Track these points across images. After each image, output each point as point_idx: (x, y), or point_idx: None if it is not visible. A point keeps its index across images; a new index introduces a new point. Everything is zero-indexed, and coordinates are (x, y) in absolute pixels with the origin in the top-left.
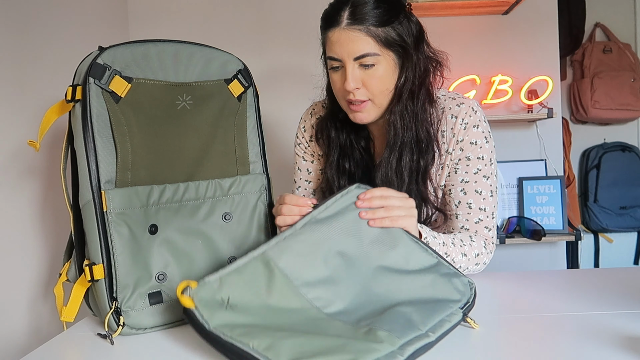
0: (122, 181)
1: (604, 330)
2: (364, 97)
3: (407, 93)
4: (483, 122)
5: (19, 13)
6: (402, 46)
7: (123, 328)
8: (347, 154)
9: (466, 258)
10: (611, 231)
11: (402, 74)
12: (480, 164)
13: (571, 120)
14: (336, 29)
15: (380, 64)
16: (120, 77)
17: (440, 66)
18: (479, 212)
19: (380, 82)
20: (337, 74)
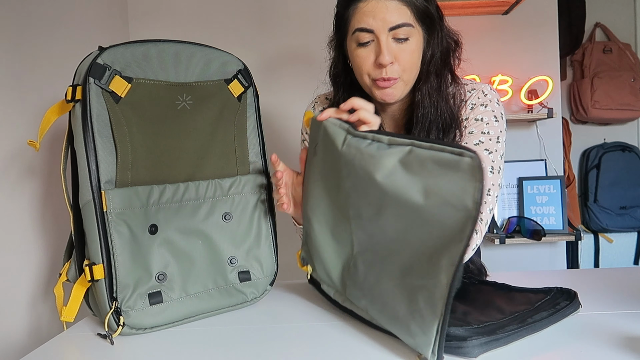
0: (122, 181)
1: (604, 330)
2: (396, 74)
3: (434, 70)
4: (495, 104)
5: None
6: (432, 20)
7: (123, 328)
8: None
9: None
10: (611, 231)
11: (428, 50)
12: (484, 138)
13: (571, 120)
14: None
15: (413, 37)
16: (120, 77)
17: (458, 46)
18: None
19: (411, 57)
20: (365, 49)
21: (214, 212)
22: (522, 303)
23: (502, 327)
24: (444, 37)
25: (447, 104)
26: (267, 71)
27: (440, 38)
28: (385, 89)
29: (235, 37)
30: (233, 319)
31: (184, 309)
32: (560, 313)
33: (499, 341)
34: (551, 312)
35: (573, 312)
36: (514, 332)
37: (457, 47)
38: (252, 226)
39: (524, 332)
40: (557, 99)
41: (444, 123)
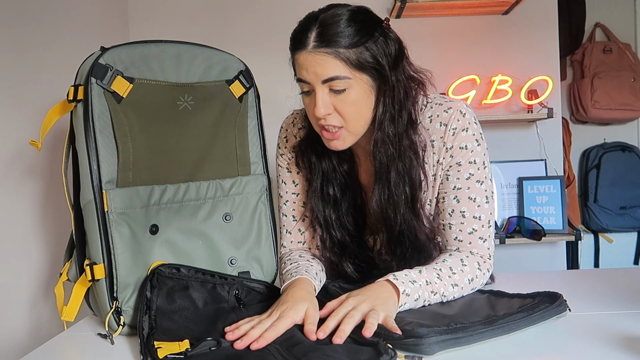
0: (124, 181)
1: (604, 330)
2: (337, 123)
3: (388, 120)
4: (473, 124)
5: (19, 13)
6: (377, 69)
7: (123, 328)
8: (330, 179)
9: (458, 287)
10: (611, 231)
11: (379, 100)
12: (473, 168)
13: (571, 120)
14: (303, 51)
15: (352, 88)
16: (122, 78)
17: (423, 86)
18: (473, 222)
19: (353, 108)
20: (308, 97)
21: (214, 212)
22: (504, 308)
23: (467, 328)
24: (400, 82)
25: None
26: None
27: (392, 86)
28: (330, 140)
29: (236, 38)
30: None
31: None
32: (538, 315)
33: (459, 340)
34: (528, 314)
35: (557, 315)
36: (479, 332)
37: (422, 88)
38: (252, 227)
39: (489, 334)
40: (557, 99)
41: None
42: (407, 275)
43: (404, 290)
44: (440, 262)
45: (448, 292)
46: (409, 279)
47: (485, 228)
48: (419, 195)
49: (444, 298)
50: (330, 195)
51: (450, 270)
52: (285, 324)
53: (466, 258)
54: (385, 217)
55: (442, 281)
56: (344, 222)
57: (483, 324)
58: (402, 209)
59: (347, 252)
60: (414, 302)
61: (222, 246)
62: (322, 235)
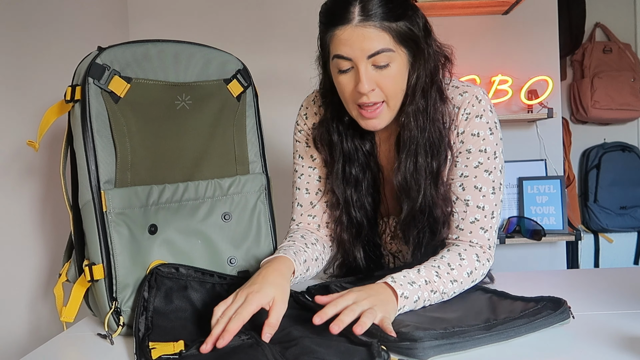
0: (122, 181)
1: (604, 330)
2: (379, 99)
3: (420, 92)
4: (488, 112)
5: (18, 13)
6: (415, 41)
7: (123, 328)
8: (352, 159)
9: (457, 283)
10: (611, 231)
11: (413, 72)
12: (482, 157)
13: (571, 120)
14: (347, 26)
15: (394, 62)
16: (119, 77)
17: (448, 61)
18: (476, 211)
19: (394, 82)
20: (346, 76)
21: (213, 212)
22: (506, 312)
23: (464, 332)
24: (431, 56)
25: (435, 126)
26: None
27: (426, 58)
28: (369, 119)
29: (235, 37)
30: None
31: None
32: (539, 322)
33: (455, 345)
34: (529, 321)
35: (560, 322)
36: (477, 338)
37: (448, 62)
38: (251, 226)
39: (487, 340)
40: (557, 99)
41: (432, 145)
42: (405, 277)
43: (402, 293)
44: (438, 259)
45: (448, 289)
46: (407, 281)
47: (488, 219)
48: (443, 169)
49: (444, 296)
50: (352, 175)
51: (448, 266)
52: (249, 310)
53: (464, 252)
54: (409, 190)
55: (441, 279)
56: (364, 202)
57: (481, 328)
58: (425, 182)
59: (362, 234)
60: (414, 303)
61: (221, 246)
62: (340, 216)
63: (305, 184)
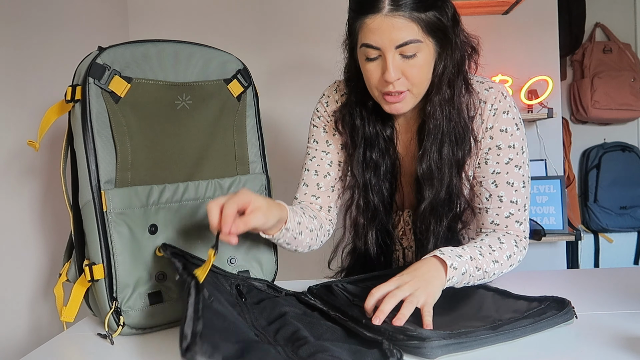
0: (122, 181)
1: (604, 330)
2: (404, 88)
3: (447, 82)
4: (513, 108)
5: (18, 13)
6: (443, 31)
7: (123, 328)
8: (372, 144)
9: (499, 264)
10: (611, 231)
11: (440, 62)
12: (512, 153)
13: (571, 120)
14: (377, 15)
15: (421, 52)
16: (119, 77)
17: (475, 51)
18: (510, 205)
19: (420, 72)
20: (373, 64)
21: None
22: (510, 311)
23: (471, 332)
24: (458, 45)
25: (460, 115)
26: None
27: (453, 48)
28: (393, 104)
29: (236, 38)
30: None
31: None
32: (544, 322)
33: (462, 345)
34: (535, 321)
35: (564, 322)
36: (483, 337)
37: (474, 53)
38: None
39: (493, 339)
40: (557, 99)
41: (457, 135)
42: (452, 251)
43: (452, 264)
44: (479, 241)
45: (490, 269)
46: (455, 254)
47: (522, 212)
48: (467, 160)
49: (486, 275)
50: (372, 159)
51: (489, 247)
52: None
53: (503, 236)
54: (432, 179)
55: (484, 257)
56: (381, 187)
57: (488, 329)
58: (450, 172)
59: (377, 219)
60: (461, 275)
61: (222, 246)
62: (357, 199)
63: (315, 166)
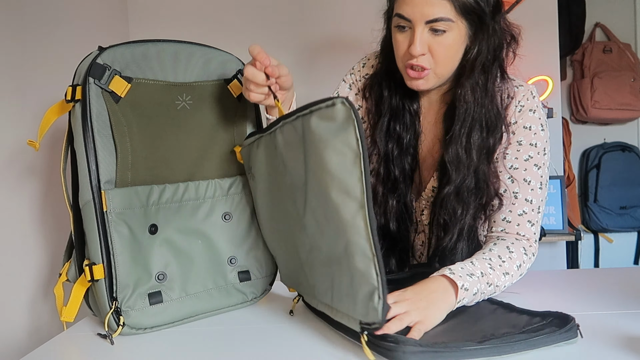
0: (122, 181)
1: (604, 330)
2: (427, 65)
3: (480, 66)
4: (540, 109)
5: (18, 13)
6: (480, 15)
7: (123, 328)
8: (397, 116)
9: (509, 276)
10: (611, 231)
11: (474, 46)
12: (533, 151)
13: (571, 120)
14: None
15: (451, 31)
16: (120, 77)
17: (514, 40)
18: (524, 204)
19: (447, 51)
20: (402, 34)
21: (213, 212)
22: (508, 326)
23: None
24: (496, 32)
25: (493, 102)
26: None
27: (490, 34)
28: (415, 79)
29: (236, 37)
30: (233, 319)
31: (183, 309)
32: (541, 339)
33: (439, 354)
34: (529, 337)
35: (565, 340)
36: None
37: (514, 42)
38: (252, 226)
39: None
40: (557, 99)
41: (489, 121)
42: (463, 269)
43: (463, 284)
44: (487, 252)
45: (500, 282)
46: (466, 272)
47: (535, 213)
48: (496, 148)
49: (497, 289)
50: (396, 131)
51: (499, 258)
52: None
53: (512, 245)
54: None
55: (494, 271)
56: (403, 160)
57: (473, 341)
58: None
59: (397, 191)
60: (473, 296)
61: (222, 245)
62: (378, 168)
63: None
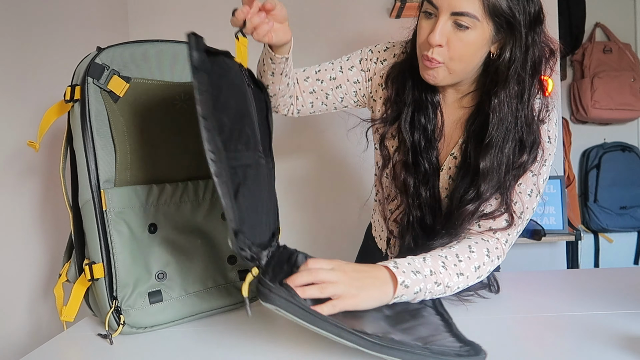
0: (122, 180)
1: (604, 330)
2: (440, 59)
3: (515, 76)
4: (553, 123)
5: (18, 13)
6: (509, 21)
7: (123, 327)
8: (421, 108)
9: (464, 277)
10: (611, 231)
11: (504, 52)
12: None
13: (571, 120)
14: None
15: (474, 30)
16: (118, 77)
17: (552, 56)
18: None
19: (464, 48)
20: (427, 21)
21: (213, 211)
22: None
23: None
24: (535, 43)
25: (531, 118)
26: None
27: (524, 43)
28: (428, 69)
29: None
30: (233, 318)
31: (184, 308)
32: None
33: (300, 312)
34: (411, 350)
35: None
36: (331, 322)
37: (552, 57)
38: None
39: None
40: (557, 99)
41: (525, 138)
42: (410, 264)
43: (403, 281)
44: (446, 249)
45: (453, 283)
46: (411, 269)
47: (516, 217)
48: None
49: (448, 289)
50: (421, 123)
51: (456, 257)
52: None
53: (475, 244)
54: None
55: (447, 270)
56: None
57: (361, 331)
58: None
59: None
60: (414, 295)
61: (222, 244)
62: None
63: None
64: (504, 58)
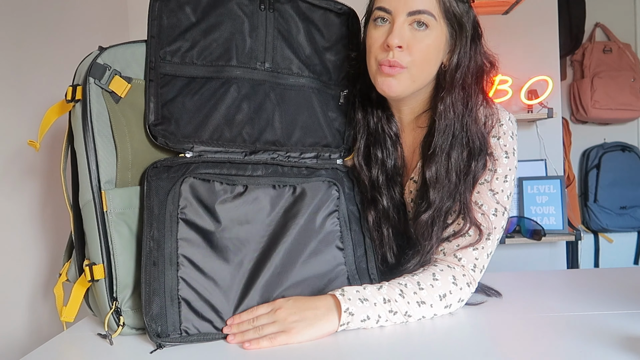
0: (123, 181)
1: (604, 330)
2: (404, 62)
3: (460, 82)
4: (508, 137)
5: (19, 13)
6: (460, 25)
7: (123, 328)
8: (378, 141)
9: (426, 306)
10: (611, 231)
11: (453, 56)
12: (490, 175)
13: (571, 120)
14: None
15: (432, 30)
16: (120, 77)
17: (493, 68)
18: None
19: (426, 49)
20: (379, 29)
21: None
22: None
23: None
24: (476, 53)
25: (476, 125)
26: None
27: (469, 50)
28: (388, 76)
29: None
30: None
31: None
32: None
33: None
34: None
35: None
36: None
37: (493, 69)
38: None
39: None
40: (557, 99)
41: (472, 145)
42: (358, 292)
43: (347, 308)
44: (408, 277)
45: (413, 311)
46: (358, 297)
47: (483, 240)
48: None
49: (409, 318)
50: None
51: (417, 285)
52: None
53: (440, 272)
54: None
55: (404, 299)
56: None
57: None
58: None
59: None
60: (361, 322)
61: None
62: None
63: None
64: (451, 64)
